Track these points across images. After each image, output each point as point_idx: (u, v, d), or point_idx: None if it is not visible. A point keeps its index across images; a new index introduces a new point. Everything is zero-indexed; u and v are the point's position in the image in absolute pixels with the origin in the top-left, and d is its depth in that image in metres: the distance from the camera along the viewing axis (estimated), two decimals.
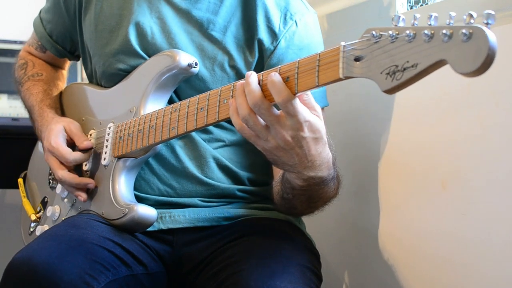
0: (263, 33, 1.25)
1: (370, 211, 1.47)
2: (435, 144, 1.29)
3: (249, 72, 0.96)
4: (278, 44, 1.25)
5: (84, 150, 1.30)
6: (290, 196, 1.11)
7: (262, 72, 0.97)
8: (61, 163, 1.29)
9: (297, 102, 0.92)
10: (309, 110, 0.94)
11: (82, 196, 1.28)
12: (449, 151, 1.25)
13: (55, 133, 1.31)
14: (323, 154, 0.98)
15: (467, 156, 1.21)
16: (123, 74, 1.30)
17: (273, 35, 1.25)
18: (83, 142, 1.30)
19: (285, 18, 1.26)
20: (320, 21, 1.35)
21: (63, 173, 1.28)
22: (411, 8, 1.47)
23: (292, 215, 1.29)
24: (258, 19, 1.26)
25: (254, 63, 1.25)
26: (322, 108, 1.26)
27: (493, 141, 1.16)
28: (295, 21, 1.26)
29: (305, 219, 1.38)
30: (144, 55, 1.27)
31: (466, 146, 1.21)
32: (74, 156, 1.29)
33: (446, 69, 1.03)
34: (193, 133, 1.25)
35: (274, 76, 0.92)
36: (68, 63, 1.62)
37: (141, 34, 1.27)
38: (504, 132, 1.14)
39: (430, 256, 1.29)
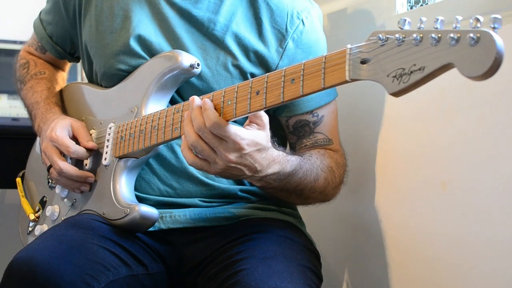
0: (269, 34, 1.25)
1: (370, 212, 1.47)
2: (435, 144, 1.29)
3: (192, 98, 1.05)
4: (286, 45, 1.25)
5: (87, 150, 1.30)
6: (269, 195, 1.24)
7: (207, 94, 1.06)
8: (61, 153, 1.28)
9: (228, 126, 1.00)
10: (252, 122, 1.04)
11: (84, 188, 1.27)
12: (449, 151, 1.25)
13: (61, 125, 1.30)
14: (268, 156, 1.07)
15: (467, 156, 1.21)
16: (124, 74, 1.30)
17: (281, 36, 1.25)
18: (88, 141, 1.29)
19: (292, 17, 1.26)
20: (322, 18, 1.36)
21: (64, 164, 1.26)
22: (411, 8, 1.47)
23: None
24: (263, 19, 1.26)
25: (258, 63, 1.25)
26: (333, 100, 1.28)
27: (493, 141, 1.16)
28: (302, 20, 1.26)
29: (305, 219, 1.38)
30: (145, 56, 1.27)
31: (466, 146, 1.21)
32: (77, 148, 1.27)
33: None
34: None
35: (206, 103, 1.02)
36: (68, 65, 1.62)
37: (142, 35, 1.27)
38: (504, 132, 1.14)
39: (430, 257, 1.29)
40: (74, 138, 1.31)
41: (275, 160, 1.08)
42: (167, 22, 1.27)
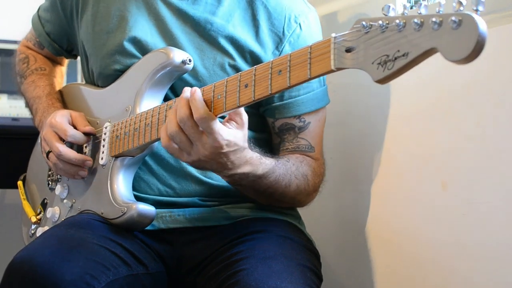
0: (266, 36, 1.25)
1: (370, 212, 1.47)
2: (435, 144, 1.29)
3: (186, 88, 1.05)
4: (283, 48, 1.25)
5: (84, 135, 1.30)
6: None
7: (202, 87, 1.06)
8: (60, 139, 1.29)
9: (215, 122, 1.01)
10: (232, 120, 1.05)
11: (83, 172, 1.28)
12: (449, 151, 1.25)
13: (62, 113, 1.32)
14: (242, 156, 1.08)
15: (467, 156, 1.21)
16: (120, 74, 1.30)
17: (278, 39, 1.26)
18: (85, 126, 1.30)
19: (289, 21, 1.26)
20: (319, 21, 1.36)
21: (63, 147, 1.26)
22: (411, 8, 1.47)
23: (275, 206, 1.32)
24: (260, 21, 1.26)
25: (254, 64, 1.25)
26: (323, 107, 1.27)
27: (493, 140, 1.16)
28: (299, 24, 1.26)
29: (305, 219, 1.38)
30: (141, 56, 1.27)
31: (466, 146, 1.21)
32: (74, 132, 1.28)
33: (446, 69, 1.03)
34: None
35: (196, 93, 1.03)
36: (66, 60, 1.63)
37: (138, 35, 1.27)
38: (504, 132, 1.14)
39: (430, 257, 1.29)
40: (73, 126, 1.31)
41: (248, 162, 1.09)
42: (164, 23, 1.27)
